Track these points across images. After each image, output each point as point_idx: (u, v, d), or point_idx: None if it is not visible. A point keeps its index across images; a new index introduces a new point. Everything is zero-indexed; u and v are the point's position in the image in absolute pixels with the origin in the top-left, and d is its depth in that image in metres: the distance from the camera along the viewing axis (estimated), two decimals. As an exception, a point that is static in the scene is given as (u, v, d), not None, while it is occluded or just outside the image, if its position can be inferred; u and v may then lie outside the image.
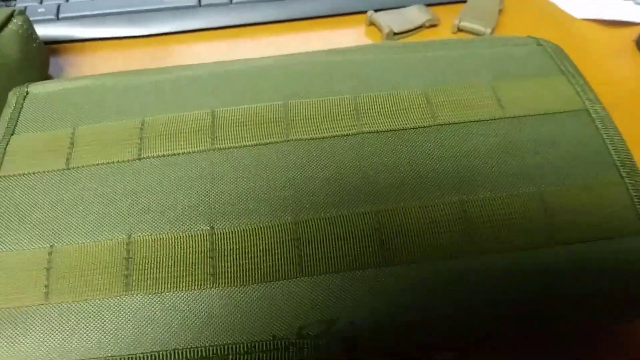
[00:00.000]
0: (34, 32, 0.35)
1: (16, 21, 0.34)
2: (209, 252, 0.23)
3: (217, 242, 0.23)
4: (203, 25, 0.41)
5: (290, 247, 0.23)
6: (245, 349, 0.21)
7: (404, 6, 0.44)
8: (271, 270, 0.22)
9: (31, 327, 0.21)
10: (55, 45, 0.39)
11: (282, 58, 0.30)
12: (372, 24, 0.43)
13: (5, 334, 0.21)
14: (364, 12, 0.43)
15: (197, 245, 0.23)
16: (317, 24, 0.43)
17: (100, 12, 0.41)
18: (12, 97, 0.29)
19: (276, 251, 0.23)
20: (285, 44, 0.41)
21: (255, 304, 0.22)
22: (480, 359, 0.26)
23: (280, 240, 0.23)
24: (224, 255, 0.23)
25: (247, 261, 0.22)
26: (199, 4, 0.42)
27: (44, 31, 0.37)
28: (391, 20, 0.42)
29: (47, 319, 0.22)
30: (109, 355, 0.21)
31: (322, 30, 0.42)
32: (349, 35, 0.42)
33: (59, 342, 0.21)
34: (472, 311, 0.22)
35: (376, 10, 0.43)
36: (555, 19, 0.44)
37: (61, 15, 0.41)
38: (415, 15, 0.43)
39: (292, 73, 0.28)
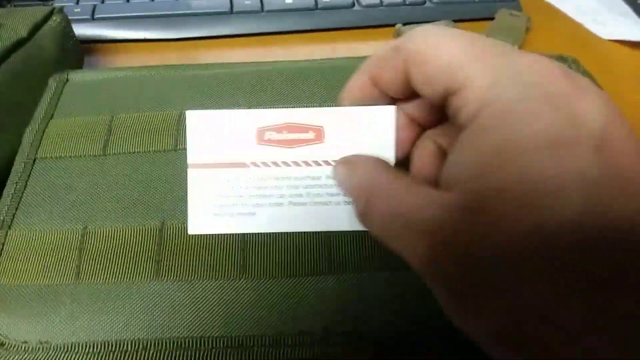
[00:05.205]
0: (71, 30, 0.36)
1: (55, 18, 0.35)
2: (240, 243, 0.23)
3: (247, 235, 0.23)
4: (234, 32, 0.42)
5: (320, 245, 0.23)
6: (271, 342, 0.21)
7: (432, 21, 0.45)
8: (300, 266, 0.22)
9: (60, 304, 0.21)
10: (89, 45, 0.40)
11: (333, 60, 0.30)
12: (400, 36, 0.43)
13: (34, 310, 0.21)
14: (393, 25, 0.44)
15: (229, 237, 0.23)
16: (346, 35, 0.43)
17: (134, 14, 0.42)
18: (52, 83, 0.30)
19: (306, 248, 0.23)
20: (313, 54, 0.41)
21: (283, 298, 0.22)
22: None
23: (311, 238, 0.23)
24: (254, 247, 0.23)
25: (276, 255, 0.22)
26: (231, 11, 0.43)
27: (79, 30, 0.38)
28: (419, 34, 0.42)
29: (77, 298, 0.22)
30: (136, 337, 0.21)
31: (351, 42, 0.43)
32: (376, 47, 0.42)
33: (87, 321, 0.21)
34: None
35: (404, 24, 0.44)
36: (582, 38, 0.44)
37: (96, 15, 0.42)
38: (442, 31, 0.43)
39: (330, 78, 0.29)
